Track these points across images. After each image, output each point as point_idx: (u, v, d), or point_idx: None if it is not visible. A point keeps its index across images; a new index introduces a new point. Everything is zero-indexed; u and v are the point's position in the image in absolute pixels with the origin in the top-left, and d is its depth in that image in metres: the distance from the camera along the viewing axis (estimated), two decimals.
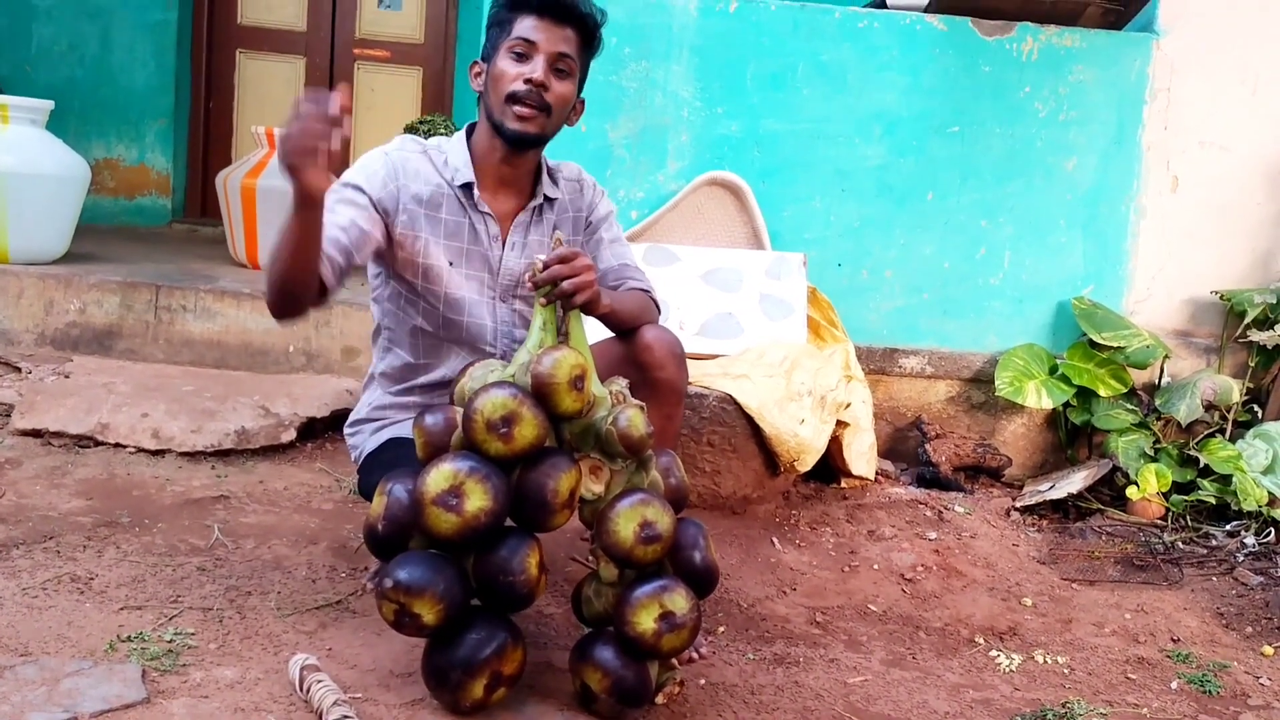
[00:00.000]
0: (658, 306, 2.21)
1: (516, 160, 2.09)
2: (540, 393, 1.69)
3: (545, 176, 2.16)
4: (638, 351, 2.05)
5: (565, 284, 1.78)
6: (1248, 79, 3.51)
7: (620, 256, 2.23)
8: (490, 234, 2.11)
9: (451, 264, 2.10)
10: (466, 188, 2.09)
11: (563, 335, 1.83)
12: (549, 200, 2.16)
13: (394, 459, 2.02)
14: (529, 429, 1.68)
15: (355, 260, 1.98)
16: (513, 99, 2.00)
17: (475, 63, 2.12)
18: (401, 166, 2.07)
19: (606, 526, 1.73)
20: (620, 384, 1.85)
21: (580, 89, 2.10)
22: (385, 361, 2.23)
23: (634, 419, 1.75)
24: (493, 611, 1.74)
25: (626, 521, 1.72)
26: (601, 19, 2.07)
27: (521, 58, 2.01)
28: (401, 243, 2.07)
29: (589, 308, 1.84)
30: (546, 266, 1.78)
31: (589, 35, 2.06)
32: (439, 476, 1.65)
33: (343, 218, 1.96)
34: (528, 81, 1.99)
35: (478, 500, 1.65)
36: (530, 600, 1.73)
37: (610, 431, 1.75)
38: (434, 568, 1.68)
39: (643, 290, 2.18)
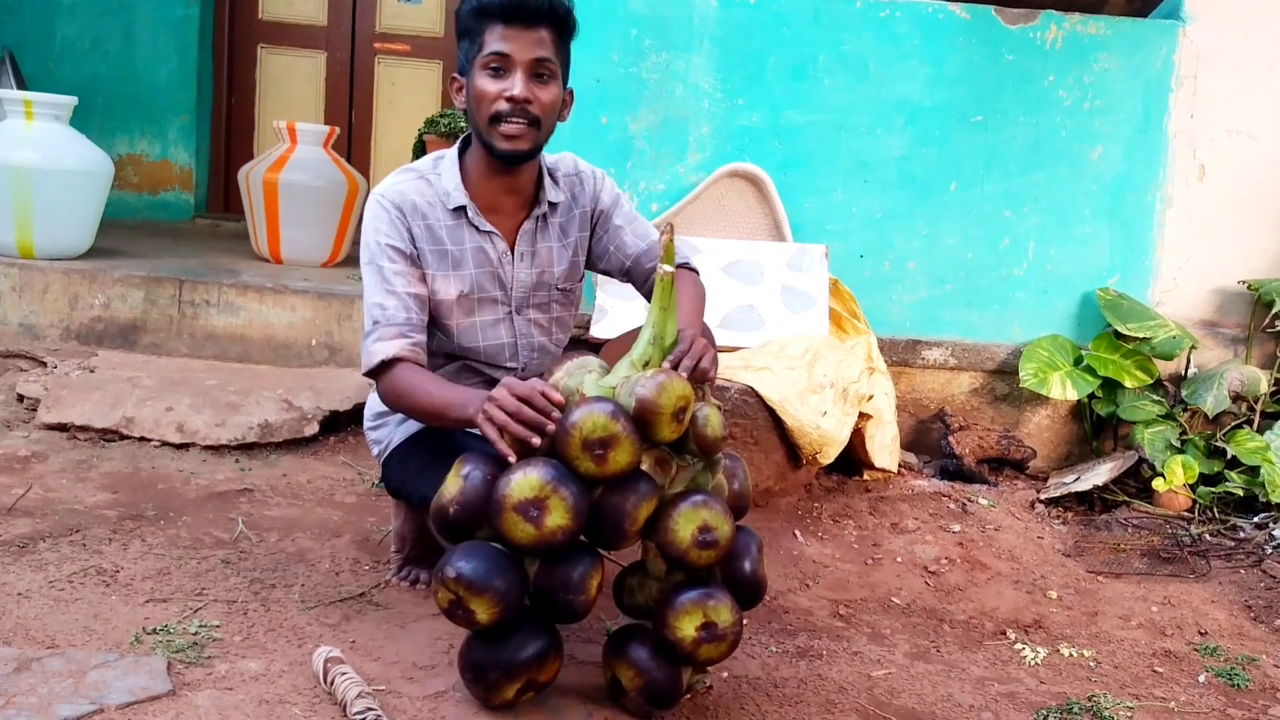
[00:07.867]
0: (695, 272, 2.20)
1: (514, 174, 2.04)
2: (642, 418, 1.64)
3: (547, 180, 2.11)
4: None
5: (704, 363, 1.74)
6: (1276, 67, 3.47)
7: (644, 236, 2.20)
8: (498, 251, 2.08)
9: (463, 293, 2.06)
10: (460, 210, 2.04)
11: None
12: (552, 205, 2.12)
13: (434, 449, 2.01)
14: (624, 455, 1.63)
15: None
16: (497, 119, 1.93)
17: (454, 78, 2.04)
18: (403, 206, 2.02)
19: (665, 524, 1.69)
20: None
21: (566, 81, 2.01)
22: None
23: (711, 418, 1.70)
24: (541, 618, 1.72)
25: (686, 523, 1.68)
26: (570, 3, 1.96)
27: (499, 72, 1.92)
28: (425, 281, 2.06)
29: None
30: (680, 361, 1.72)
31: (563, 27, 1.96)
32: (524, 484, 1.61)
33: (401, 294, 1.99)
34: (510, 99, 1.91)
35: (558, 517, 1.61)
36: (582, 617, 1.72)
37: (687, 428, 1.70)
38: (498, 567, 1.64)
39: (689, 270, 2.16)
